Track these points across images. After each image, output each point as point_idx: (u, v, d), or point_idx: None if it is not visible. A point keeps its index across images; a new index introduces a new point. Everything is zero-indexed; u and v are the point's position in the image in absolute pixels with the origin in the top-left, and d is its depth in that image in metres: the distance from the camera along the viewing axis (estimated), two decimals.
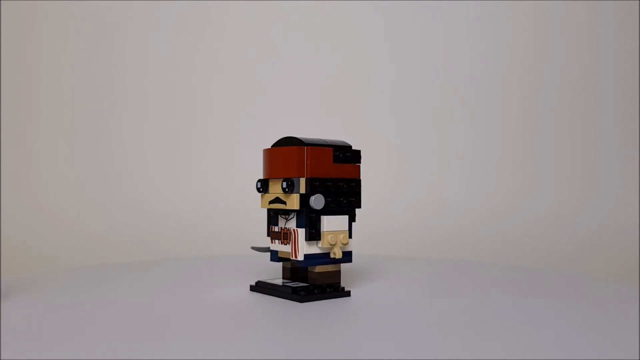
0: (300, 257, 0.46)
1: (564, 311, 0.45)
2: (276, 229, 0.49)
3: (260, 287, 0.50)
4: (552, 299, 0.50)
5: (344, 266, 0.54)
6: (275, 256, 0.49)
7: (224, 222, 1.18)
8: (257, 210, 0.68)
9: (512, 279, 0.61)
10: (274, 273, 0.60)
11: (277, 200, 0.47)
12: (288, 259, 0.49)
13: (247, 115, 1.29)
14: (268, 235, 0.50)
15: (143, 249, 1.12)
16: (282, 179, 0.46)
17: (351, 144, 0.50)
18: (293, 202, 0.46)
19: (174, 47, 1.30)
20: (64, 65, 1.27)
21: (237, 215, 1.17)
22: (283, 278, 0.51)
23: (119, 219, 1.19)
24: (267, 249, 0.51)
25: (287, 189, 0.46)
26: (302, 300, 0.46)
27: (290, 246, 0.47)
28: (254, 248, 0.52)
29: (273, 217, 0.49)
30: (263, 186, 0.48)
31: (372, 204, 0.81)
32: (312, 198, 0.46)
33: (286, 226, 0.48)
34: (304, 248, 0.46)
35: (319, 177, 0.46)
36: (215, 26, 1.31)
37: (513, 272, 0.66)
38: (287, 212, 0.47)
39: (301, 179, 0.46)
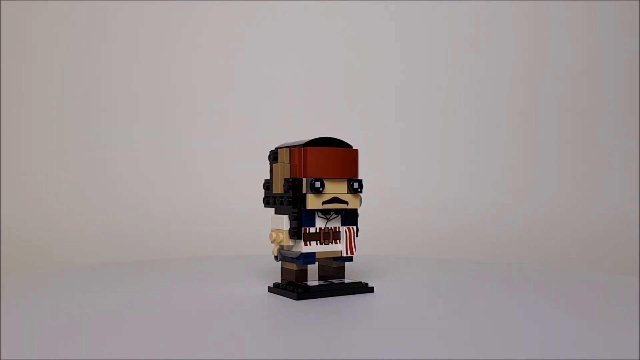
0: (355, 253, 0.49)
1: (565, 310, 0.45)
2: (312, 230, 0.48)
3: (313, 292, 0.48)
4: (553, 298, 0.50)
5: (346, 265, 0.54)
6: (312, 258, 0.48)
7: (224, 223, 1.18)
8: (256, 210, 0.68)
9: (513, 278, 0.61)
10: (273, 272, 0.60)
11: (334, 200, 0.48)
12: (324, 259, 0.50)
13: (248, 115, 1.29)
14: (299, 237, 0.47)
15: (143, 249, 1.12)
16: (349, 180, 0.48)
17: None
18: (358, 201, 0.49)
19: (175, 47, 1.30)
20: (64, 65, 1.27)
21: (237, 216, 1.17)
22: (288, 279, 0.50)
23: (118, 218, 1.19)
24: (297, 254, 0.48)
25: (359, 189, 0.48)
26: (373, 290, 0.50)
27: (341, 244, 0.49)
28: (283, 257, 0.49)
29: (310, 218, 0.48)
30: (323, 186, 0.47)
31: (373, 204, 0.81)
32: (361, 197, 0.49)
33: (327, 226, 0.48)
34: (357, 244, 0.49)
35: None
36: (215, 26, 1.31)
37: (513, 271, 0.66)
38: (338, 212, 0.49)
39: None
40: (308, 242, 0.48)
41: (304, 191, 0.47)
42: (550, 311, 0.44)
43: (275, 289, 0.50)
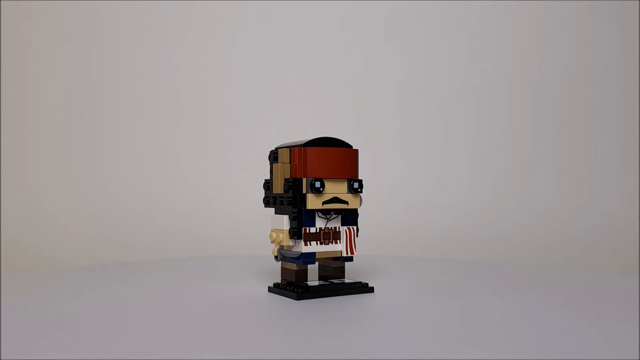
0: (355, 253, 0.49)
1: (565, 310, 0.45)
2: (312, 230, 0.48)
3: (313, 292, 0.48)
4: (553, 298, 0.50)
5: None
6: (312, 258, 0.48)
7: (224, 223, 1.18)
8: (256, 210, 0.68)
9: (513, 278, 0.61)
10: (273, 272, 0.60)
11: (334, 200, 0.48)
12: (324, 259, 0.50)
13: (248, 115, 1.29)
14: (299, 237, 0.47)
15: (143, 249, 1.12)
16: (349, 180, 0.49)
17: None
18: (358, 201, 0.49)
19: (177, 46, 1.30)
20: (64, 65, 1.27)
21: (237, 216, 1.17)
22: (288, 279, 0.50)
23: (118, 218, 1.19)
24: (297, 254, 0.48)
25: (359, 189, 0.49)
26: (373, 290, 0.50)
27: (341, 244, 0.49)
28: (283, 257, 0.49)
29: (310, 218, 0.48)
30: (323, 186, 0.47)
31: (372, 204, 0.81)
32: (361, 197, 0.49)
33: (327, 226, 0.48)
34: (357, 244, 0.50)
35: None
36: (217, 26, 1.30)
37: (513, 271, 0.66)
38: (338, 212, 0.49)
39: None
40: (308, 242, 0.48)
41: (304, 191, 0.47)
42: (550, 311, 0.44)
43: (275, 289, 0.50)
